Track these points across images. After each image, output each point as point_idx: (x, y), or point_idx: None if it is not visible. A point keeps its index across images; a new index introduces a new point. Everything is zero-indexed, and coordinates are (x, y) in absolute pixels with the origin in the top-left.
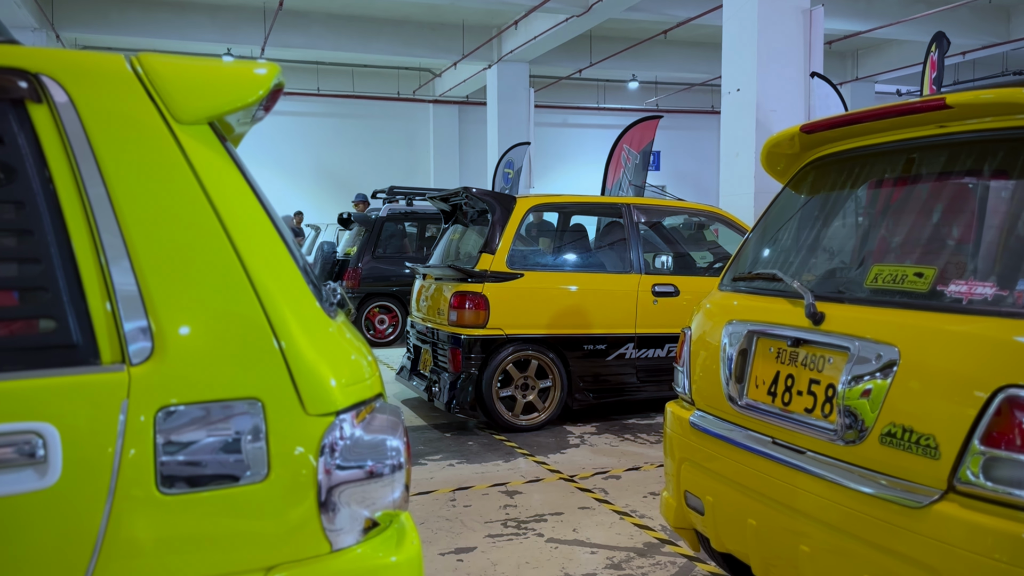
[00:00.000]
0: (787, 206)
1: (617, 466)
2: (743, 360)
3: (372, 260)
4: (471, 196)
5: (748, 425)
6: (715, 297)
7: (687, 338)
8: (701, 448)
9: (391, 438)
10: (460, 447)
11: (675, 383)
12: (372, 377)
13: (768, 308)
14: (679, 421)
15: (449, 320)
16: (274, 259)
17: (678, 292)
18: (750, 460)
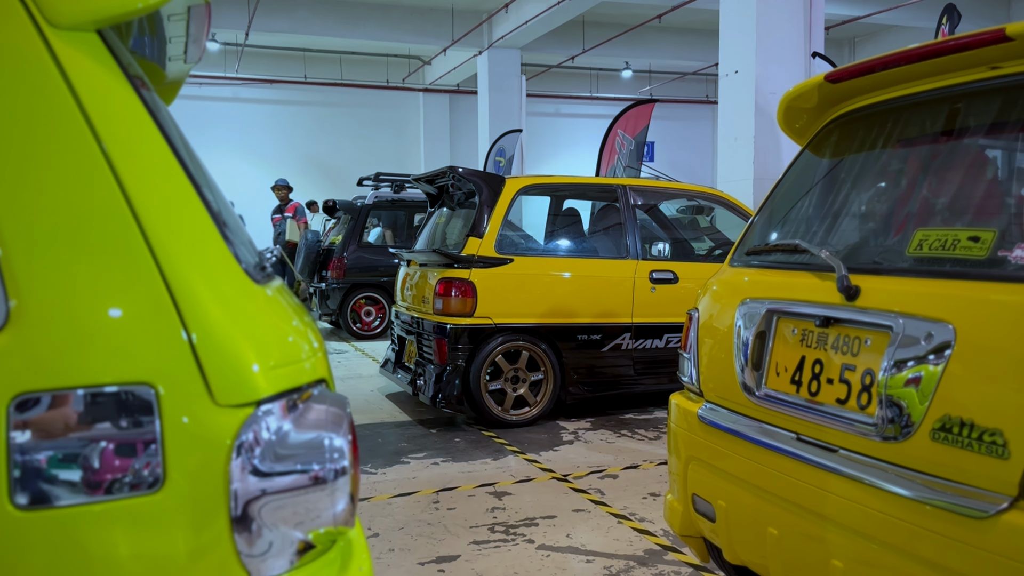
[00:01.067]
0: (807, 169)
1: (614, 464)
2: (761, 344)
3: (358, 249)
4: (457, 176)
5: (767, 419)
6: (725, 274)
7: (694, 321)
8: (711, 445)
9: (333, 435)
10: (446, 444)
11: (680, 372)
12: (312, 358)
13: (790, 283)
14: (686, 415)
15: (434, 309)
16: (177, 206)
17: (677, 279)
18: (770, 459)
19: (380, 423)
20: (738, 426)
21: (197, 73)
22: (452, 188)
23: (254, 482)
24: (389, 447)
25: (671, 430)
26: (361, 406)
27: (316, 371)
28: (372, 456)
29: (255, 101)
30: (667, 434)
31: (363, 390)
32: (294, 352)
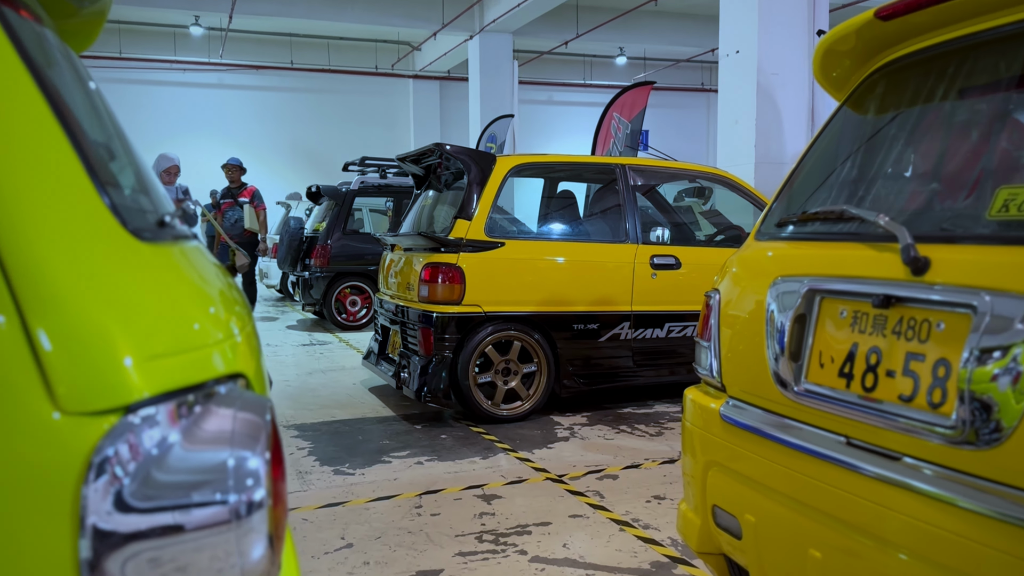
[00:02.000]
0: (848, 126)
1: (613, 463)
2: (800, 330)
3: (343, 237)
4: (445, 155)
5: (808, 419)
6: (751, 250)
7: (714, 305)
8: (737, 449)
9: (243, 453)
10: (431, 441)
11: (697, 363)
12: (224, 345)
13: (836, 256)
14: (704, 413)
15: (419, 296)
16: (20, 136)
17: (679, 264)
18: (812, 467)
19: (361, 418)
20: (771, 427)
21: (179, 59)
22: (440, 168)
23: (120, 520)
24: (370, 444)
25: (686, 429)
26: (342, 400)
27: (230, 362)
28: (350, 455)
29: (240, 88)
30: (681, 434)
31: (345, 383)
32: (196, 336)
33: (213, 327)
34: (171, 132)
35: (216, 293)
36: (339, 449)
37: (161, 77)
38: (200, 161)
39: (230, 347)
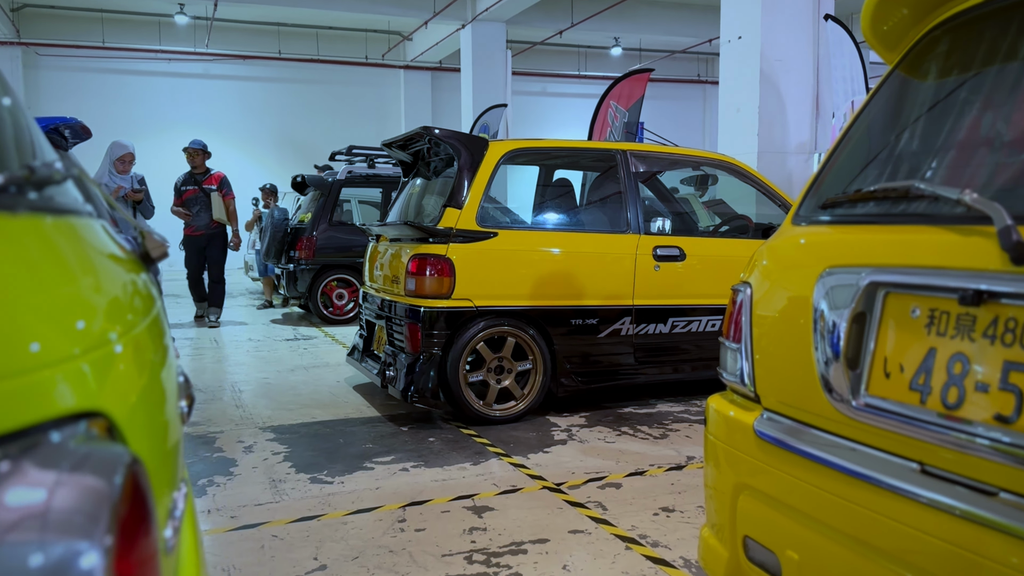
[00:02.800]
0: (905, 90)
1: (616, 470)
2: (859, 332)
3: (329, 228)
4: (434, 139)
5: (870, 440)
6: (790, 236)
7: (744, 300)
8: (776, 472)
9: (64, 542)
10: (418, 445)
11: (723, 368)
12: (63, 367)
13: (904, 242)
14: (733, 426)
15: (406, 290)
16: None
17: (684, 256)
18: (875, 499)
19: (344, 419)
20: (821, 448)
21: (163, 48)
22: (429, 153)
23: None
24: (351, 449)
25: (709, 443)
26: (324, 399)
27: (81, 394)
28: (330, 461)
29: (226, 78)
30: (704, 447)
31: (328, 381)
32: (18, 354)
33: (58, 339)
34: (156, 124)
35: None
36: (318, 454)
37: (145, 67)
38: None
39: (84, 370)
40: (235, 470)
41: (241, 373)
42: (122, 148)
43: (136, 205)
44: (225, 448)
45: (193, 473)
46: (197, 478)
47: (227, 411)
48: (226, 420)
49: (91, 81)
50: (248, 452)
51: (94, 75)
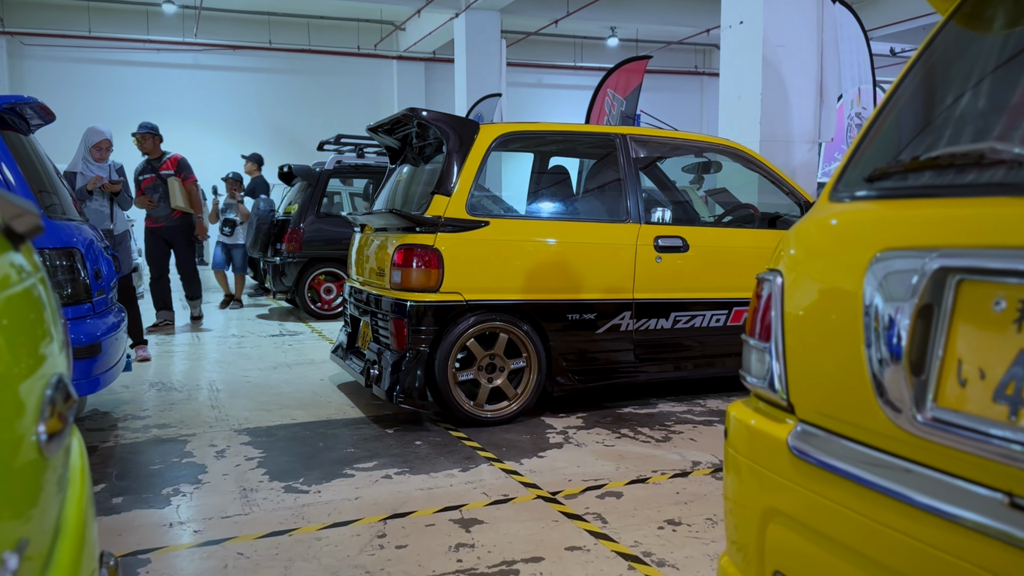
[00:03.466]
0: (962, 43)
1: (616, 476)
2: (924, 328)
3: (316, 220)
4: (422, 122)
5: (941, 463)
6: (829, 213)
7: (774, 291)
8: (816, 498)
9: None
10: (403, 449)
11: (746, 370)
12: None
13: (982, 218)
14: (761, 441)
15: (392, 282)
16: None
17: (687, 247)
18: (946, 537)
19: (325, 421)
20: (873, 470)
21: (151, 38)
22: (417, 138)
23: None
24: (331, 453)
25: (732, 460)
26: (306, 399)
27: None
28: (307, 467)
29: (216, 68)
30: (725, 465)
31: (311, 379)
32: None
33: None
34: (144, 115)
35: None
36: (294, 459)
37: (133, 57)
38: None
39: None
40: (204, 477)
41: (220, 371)
42: (98, 134)
43: (114, 196)
44: (196, 453)
45: (158, 481)
46: (162, 487)
47: (202, 412)
48: (200, 422)
49: (78, 71)
50: (220, 457)
51: (81, 65)
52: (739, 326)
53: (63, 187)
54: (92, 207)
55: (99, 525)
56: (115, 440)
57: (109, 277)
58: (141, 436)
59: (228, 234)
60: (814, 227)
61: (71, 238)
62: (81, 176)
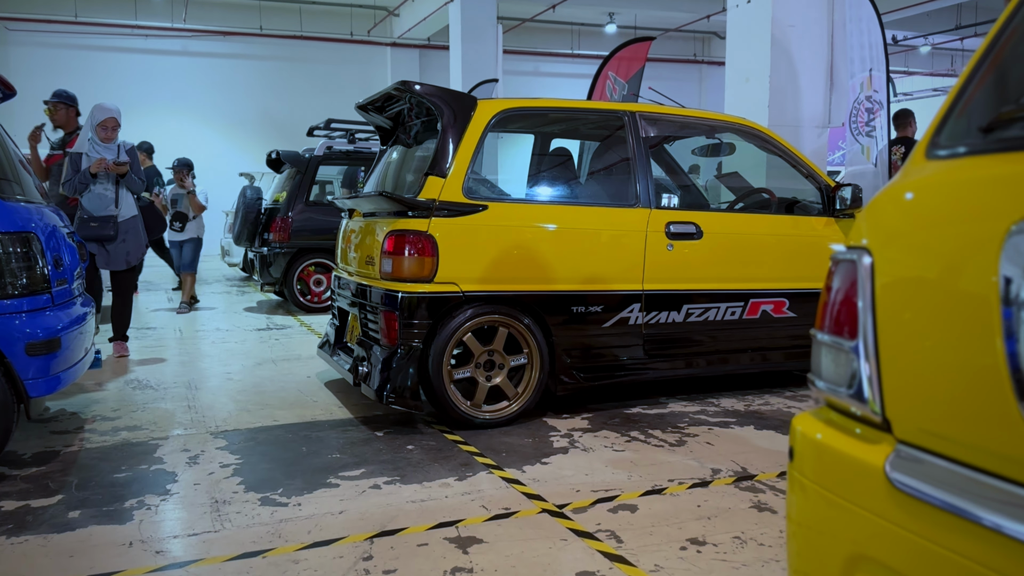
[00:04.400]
0: None
1: (628, 487)
2: None
3: (305, 208)
4: (415, 97)
5: None
6: (934, 174)
7: (862, 274)
8: (926, 544)
9: None
10: (394, 455)
11: (818, 374)
12: None
13: None
14: (846, 466)
15: (382, 272)
16: None
17: (701, 233)
18: None
19: (310, 422)
20: (1017, 514)
21: (139, 24)
22: (410, 116)
23: None
24: (315, 460)
25: (800, 488)
26: (291, 398)
27: None
28: (287, 475)
29: (206, 55)
30: (790, 494)
31: (298, 376)
32: None
33: None
34: (132, 103)
35: None
36: (274, 466)
37: (121, 44)
38: (163, 134)
39: None
40: (173, 487)
41: (201, 367)
42: (104, 112)
43: (120, 178)
44: (166, 459)
45: (123, 491)
46: (126, 498)
47: (177, 413)
48: (174, 423)
49: (63, 58)
50: (192, 464)
51: (67, 51)
52: (755, 319)
53: (24, 168)
54: (96, 191)
55: (50, 545)
56: (80, 444)
57: (72, 266)
58: (109, 439)
59: (179, 229)
60: (917, 192)
61: (28, 222)
62: (86, 158)
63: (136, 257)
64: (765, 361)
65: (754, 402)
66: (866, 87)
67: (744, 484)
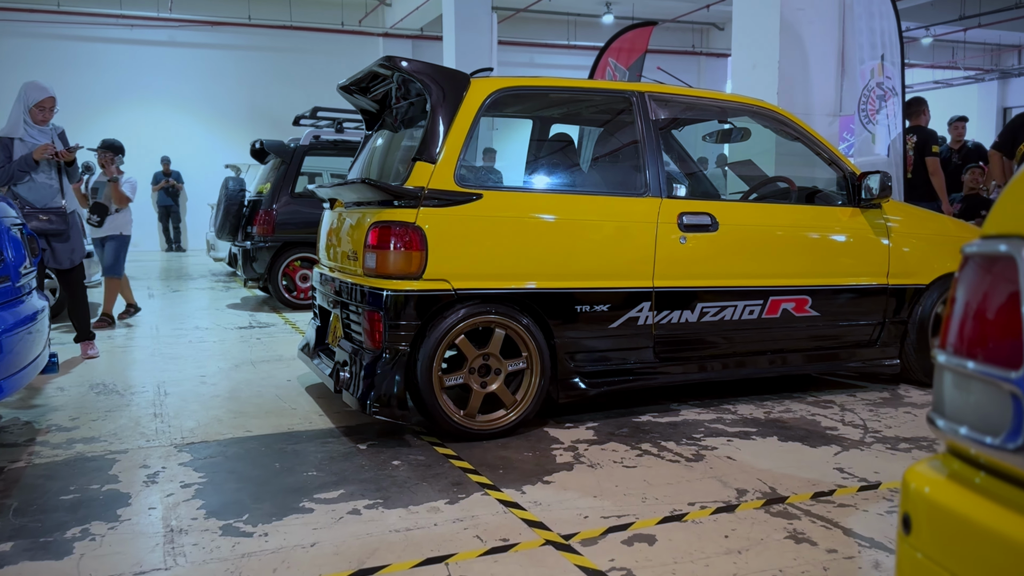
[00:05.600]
0: None
1: (643, 512)
2: None
3: (291, 201)
4: (401, 74)
5: None
6: None
7: (1021, 272)
8: None
9: None
10: (378, 472)
11: (944, 412)
12: None
13: None
14: (999, 549)
15: (365, 268)
16: None
17: (716, 225)
18: None
19: (286, 434)
20: None
21: (124, 13)
22: (398, 97)
23: None
24: (288, 478)
25: (911, 563)
26: (268, 404)
27: None
28: (255, 497)
29: (193, 46)
30: (898, 566)
31: (278, 379)
32: None
33: None
34: (117, 95)
35: None
36: (241, 486)
37: (106, 34)
38: (149, 127)
39: None
40: (124, 512)
41: (174, 369)
42: (40, 91)
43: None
44: (121, 477)
45: (67, 518)
46: (69, 525)
47: (141, 422)
48: (136, 434)
49: (46, 48)
50: (150, 484)
51: (49, 42)
52: (776, 319)
53: None
54: (38, 181)
55: None
56: (28, 459)
57: (17, 261)
58: (61, 454)
59: (97, 224)
60: None
61: None
62: (20, 143)
63: (80, 255)
64: (785, 364)
65: (774, 409)
66: (877, 74)
67: (775, 508)
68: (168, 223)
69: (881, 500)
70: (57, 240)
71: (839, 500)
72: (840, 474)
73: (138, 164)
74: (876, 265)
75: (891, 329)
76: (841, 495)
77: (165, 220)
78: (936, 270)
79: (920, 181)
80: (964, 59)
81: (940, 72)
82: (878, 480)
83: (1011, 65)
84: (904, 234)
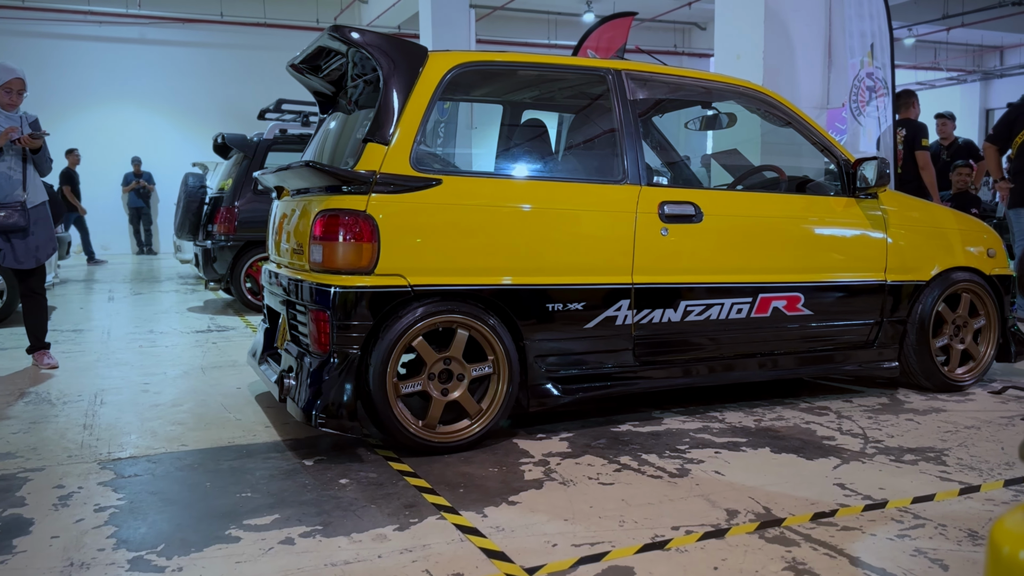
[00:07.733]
0: None
1: (621, 538)
2: None
3: (253, 198)
4: (351, 45)
5: None
6: None
7: None
8: None
9: None
10: (321, 492)
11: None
12: None
13: None
14: None
15: (311, 262)
16: None
17: (701, 215)
18: None
19: (224, 448)
20: None
21: (95, 10)
22: (352, 76)
23: None
24: (217, 501)
25: None
26: (210, 415)
27: None
28: (177, 524)
29: (165, 43)
30: None
31: (226, 387)
32: None
33: None
34: (85, 93)
35: None
36: (163, 509)
37: (73, 31)
38: (119, 127)
39: None
40: (22, 542)
41: (116, 376)
42: (7, 72)
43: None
44: (29, 500)
45: None
46: None
47: (67, 435)
48: (58, 449)
49: (10, 45)
50: (60, 507)
51: (14, 39)
52: (766, 318)
53: None
54: None
55: None
56: None
57: None
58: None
59: None
60: None
61: None
62: None
63: (47, 253)
64: (776, 367)
65: (765, 416)
66: (866, 63)
67: (771, 533)
68: (139, 225)
69: (890, 522)
70: (17, 237)
71: (842, 522)
72: (841, 491)
73: (108, 165)
74: (873, 260)
75: (889, 329)
76: (844, 516)
77: (136, 222)
78: (937, 265)
79: (910, 176)
80: (947, 60)
81: (923, 73)
82: (884, 498)
83: (993, 66)
84: (902, 227)
